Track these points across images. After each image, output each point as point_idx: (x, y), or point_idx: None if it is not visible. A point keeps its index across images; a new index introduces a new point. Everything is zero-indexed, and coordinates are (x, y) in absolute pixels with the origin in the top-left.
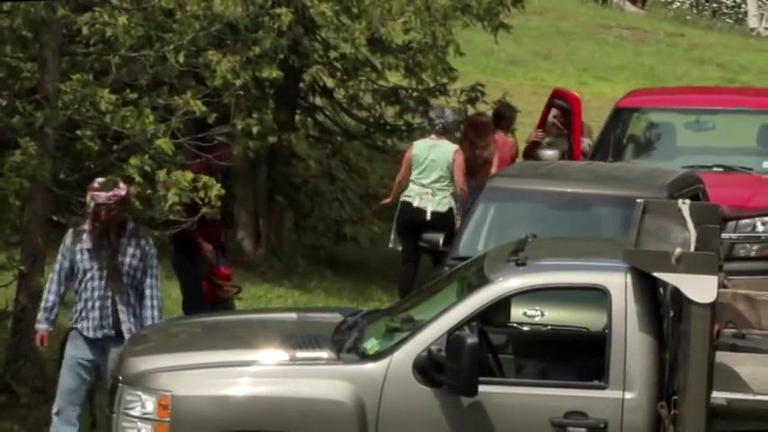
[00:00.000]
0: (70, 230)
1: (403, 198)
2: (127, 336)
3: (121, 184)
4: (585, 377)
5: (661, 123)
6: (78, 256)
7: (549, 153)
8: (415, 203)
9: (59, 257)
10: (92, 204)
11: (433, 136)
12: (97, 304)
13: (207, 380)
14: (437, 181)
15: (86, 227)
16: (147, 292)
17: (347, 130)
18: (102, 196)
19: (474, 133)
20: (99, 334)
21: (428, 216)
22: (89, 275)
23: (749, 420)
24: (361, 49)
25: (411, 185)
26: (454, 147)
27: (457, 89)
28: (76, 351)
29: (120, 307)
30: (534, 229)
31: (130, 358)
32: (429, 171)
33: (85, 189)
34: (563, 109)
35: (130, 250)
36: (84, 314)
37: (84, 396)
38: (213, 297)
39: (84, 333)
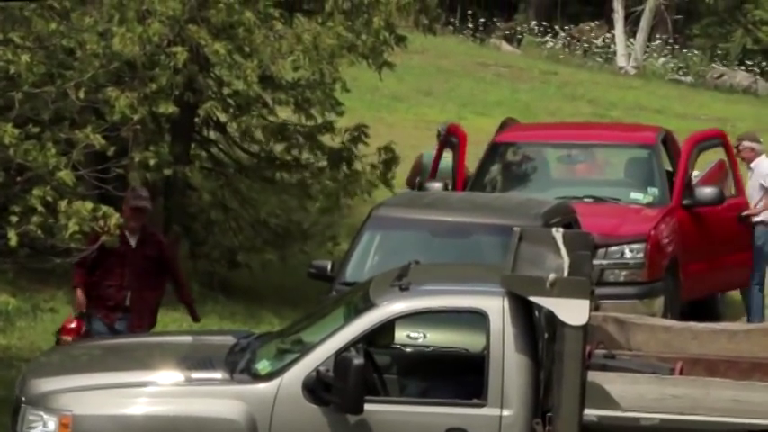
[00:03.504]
0: None
1: None
2: None
3: None
4: (465, 396)
5: (535, 157)
6: None
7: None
8: None
9: None
10: None
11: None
12: None
13: (106, 399)
14: None
15: None
16: None
17: (239, 163)
18: None
19: None
20: None
21: None
22: None
23: None
24: (252, 86)
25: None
26: None
27: (342, 128)
28: None
29: None
30: (417, 255)
31: (33, 379)
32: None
33: None
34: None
35: None
36: None
37: None
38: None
39: None
